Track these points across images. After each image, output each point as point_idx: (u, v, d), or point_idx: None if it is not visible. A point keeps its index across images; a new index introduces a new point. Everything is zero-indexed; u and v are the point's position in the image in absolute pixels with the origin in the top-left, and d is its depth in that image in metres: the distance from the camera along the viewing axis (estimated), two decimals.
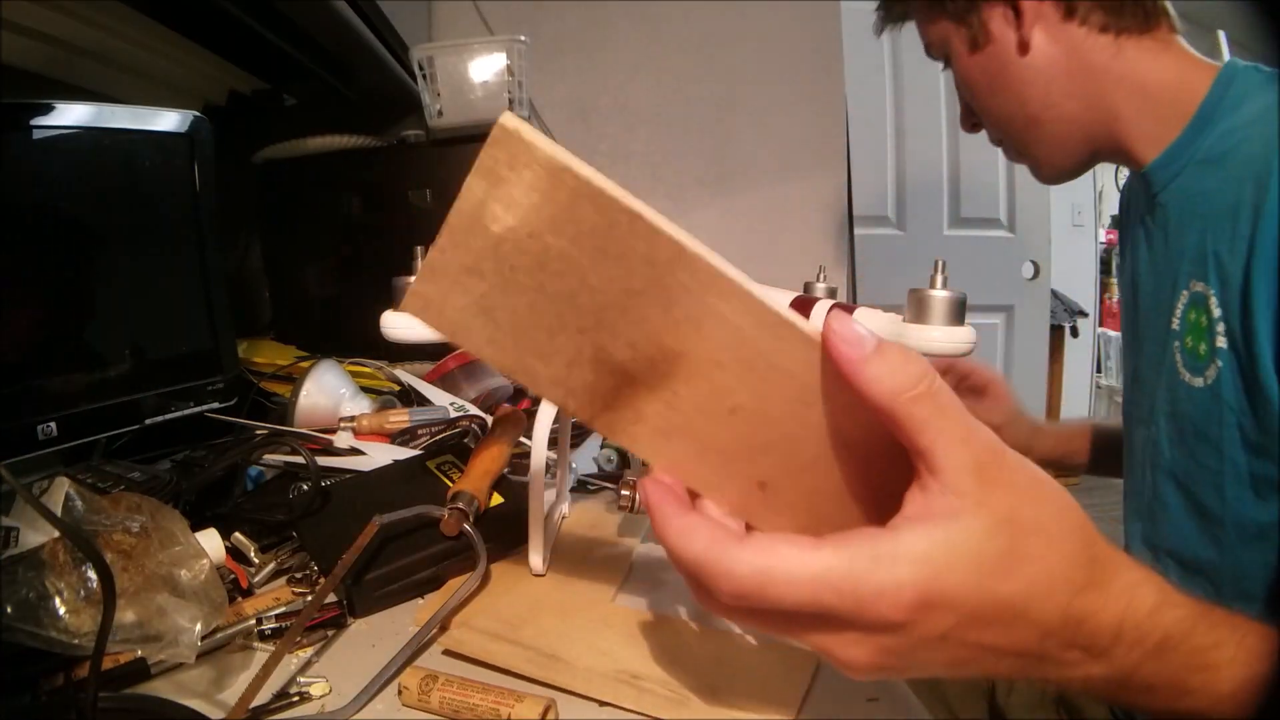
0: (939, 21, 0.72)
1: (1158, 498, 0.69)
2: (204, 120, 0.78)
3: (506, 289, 0.28)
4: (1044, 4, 0.66)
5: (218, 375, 0.80)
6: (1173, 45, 0.66)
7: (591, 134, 1.69)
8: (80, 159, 0.70)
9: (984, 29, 0.68)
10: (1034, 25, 0.66)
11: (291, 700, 0.44)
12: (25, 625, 0.43)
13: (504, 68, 1.17)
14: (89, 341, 0.71)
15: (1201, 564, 0.65)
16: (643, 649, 0.49)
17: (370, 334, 0.52)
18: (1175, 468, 0.66)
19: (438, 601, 0.56)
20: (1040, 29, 0.66)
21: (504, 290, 0.28)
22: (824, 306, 0.52)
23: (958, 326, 0.45)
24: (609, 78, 1.68)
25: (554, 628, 0.51)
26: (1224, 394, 0.60)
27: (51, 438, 0.64)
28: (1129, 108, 0.66)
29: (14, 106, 0.65)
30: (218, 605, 0.48)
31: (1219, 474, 0.61)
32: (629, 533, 0.68)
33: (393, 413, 0.83)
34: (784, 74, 1.67)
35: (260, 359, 1.06)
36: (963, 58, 0.71)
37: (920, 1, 0.73)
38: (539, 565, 0.60)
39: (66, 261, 0.69)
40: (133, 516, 0.49)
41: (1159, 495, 0.68)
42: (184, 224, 0.79)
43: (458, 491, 0.60)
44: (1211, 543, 0.63)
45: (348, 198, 1.23)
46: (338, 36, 1.05)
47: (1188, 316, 0.64)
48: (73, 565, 0.45)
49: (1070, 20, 0.66)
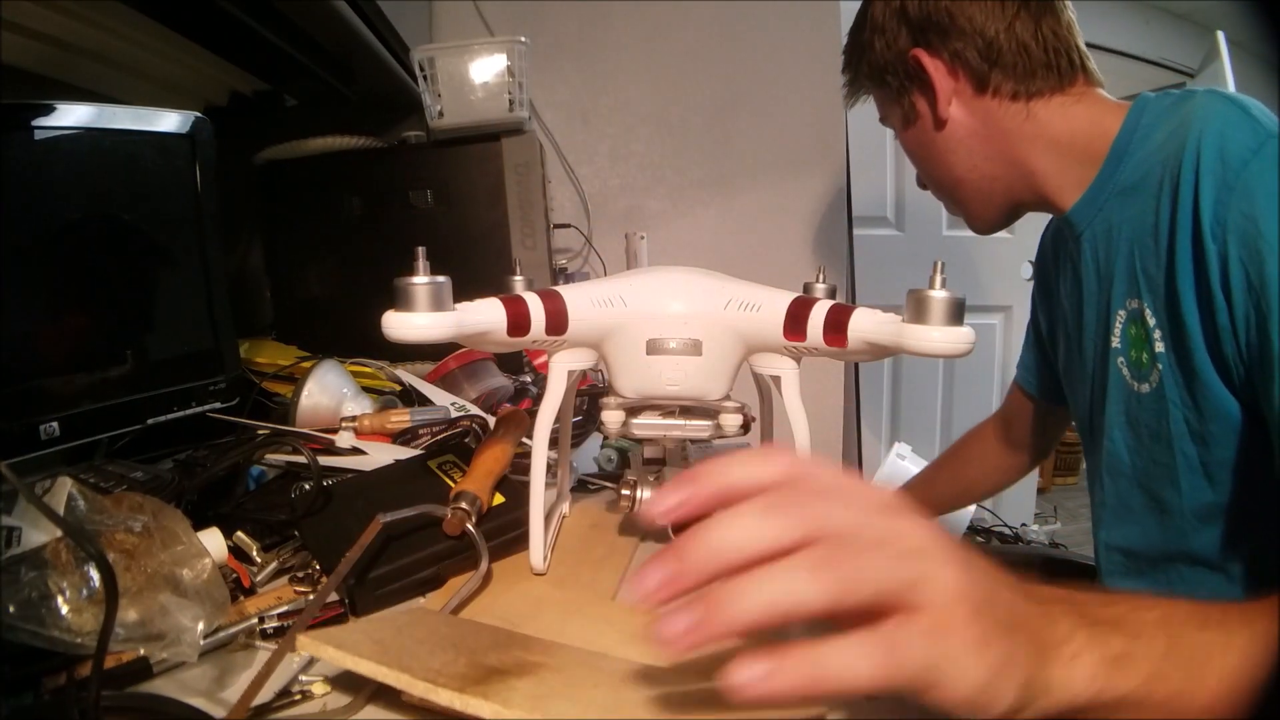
0: (883, 100, 0.82)
1: (1122, 503, 0.73)
2: (205, 121, 0.78)
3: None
4: (959, 82, 0.74)
5: (219, 375, 0.80)
6: (1087, 95, 0.72)
7: (591, 134, 1.70)
8: (81, 160, 0.70)
9: (913, 107, 0.78)
10: (949, 102, 0.75)
11: (293, 699, 0.44)
12: (28, 624, 0.43)
13: (504, 68, 1.17)
14: (91, 341, 0.71)
15: (1170, 556, 0.69)
16: (643, 648, 0.49)
17: (371, 334, 0.52)
18: (1136, 472, 0.71)
19: (439, 600, 0.56)
20: (957, 103, 0.75)
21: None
22: (824, 307, 0.53)
23: (957, 327, 0.45)
24: (609, 78, 1.68)
25: (555, 627, 0.51)
26: (1168, 393, 0.64)
27: (54, 437, 0.64)
28: (1043, 162, 0.73)
29: (14, 107, 0.65)
30: (220, 604, 0.48)
31: (1173, 468, 0.66)
32: (629, 532, 0.68)
33: (394, 413, 0.83)
34: (784, 74, 1.67)
35: (262, 359, 1.06)
36: (899, 131, 0.82)
37: (869, 83, 0.82)
38: (540, 564, 0.60)
39: (67, 262, 0.70)
40: (135, 516, 0.49)
41: (1123, 500, 0.72)
42: (185, 224, 0.79)
43: (461, 491, 0.60)
44: (1176, 535, 0.67)
45: (348, 198, 1.23)
46: (338, 37, 1.05)
47: (1128, 332, 0.69)
48: (75, 565, 0.45)
49: (983, 94, 0.73)
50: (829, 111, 1.69)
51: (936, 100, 0.75)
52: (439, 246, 0.49)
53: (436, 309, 0.46)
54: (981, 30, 0.71)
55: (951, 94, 0.74)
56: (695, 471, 0.32)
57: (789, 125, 1.69)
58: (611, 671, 0.43)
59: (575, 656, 0.46)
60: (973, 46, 0.72)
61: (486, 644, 0.46)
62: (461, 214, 1.20)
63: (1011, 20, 0.71)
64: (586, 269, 1.69)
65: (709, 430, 0.59)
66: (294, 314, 1.27)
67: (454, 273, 0.47)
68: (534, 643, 0.47)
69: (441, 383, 1.01)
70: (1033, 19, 0.71)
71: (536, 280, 0.63)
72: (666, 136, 1.70)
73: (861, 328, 0.50)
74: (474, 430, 0.81)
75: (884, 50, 0.77)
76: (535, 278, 0.64)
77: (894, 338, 0.47)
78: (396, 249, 0.54)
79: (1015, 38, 0.71)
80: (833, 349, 0.52)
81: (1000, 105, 0.73)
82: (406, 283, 0.46)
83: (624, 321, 0.56)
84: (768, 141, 1.69)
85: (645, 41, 1.67)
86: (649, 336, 0.56)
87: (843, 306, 0.52)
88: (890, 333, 0.47)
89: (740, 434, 0.59)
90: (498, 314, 0.52)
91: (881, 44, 0.77)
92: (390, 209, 1.22)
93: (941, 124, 0.76)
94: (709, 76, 1.68)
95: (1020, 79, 0.72)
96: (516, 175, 1.19)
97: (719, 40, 1.67)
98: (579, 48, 1.67)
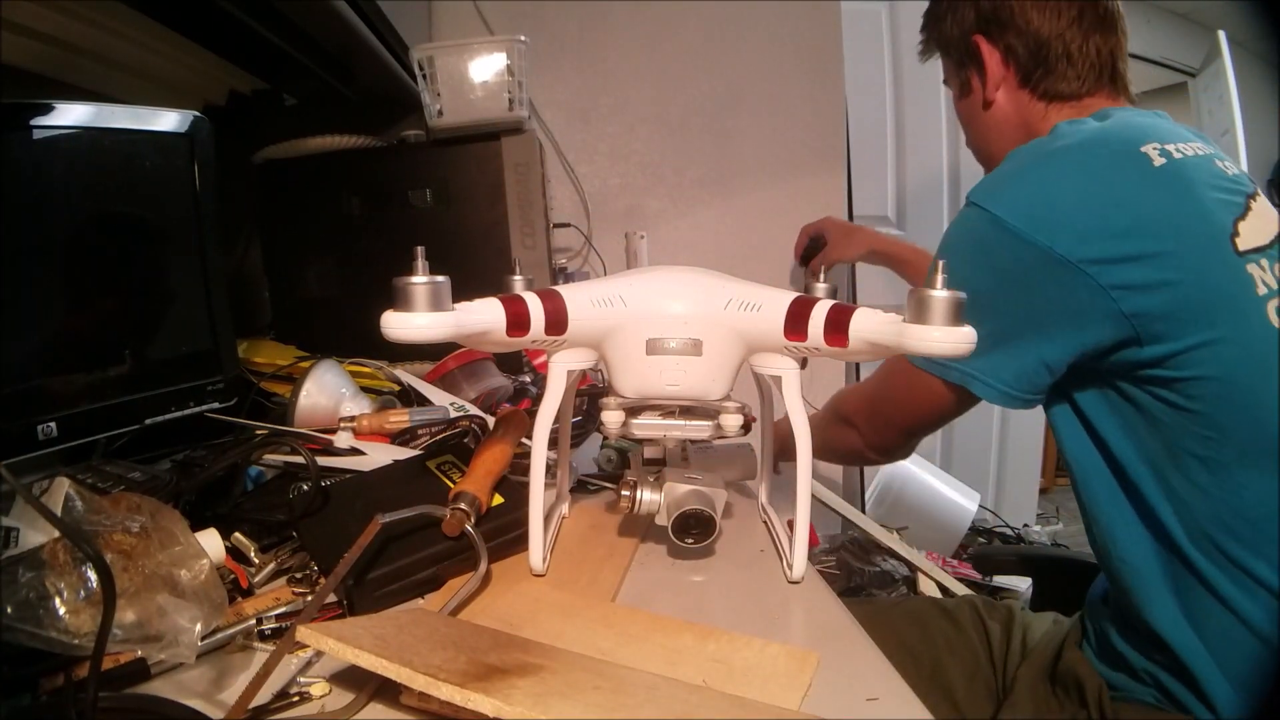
0: (948, 66, 0.93)
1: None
2: (204, 120, 0.78)
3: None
4: (1008, 72, 0.85)
5: (218, 375, 0.80)
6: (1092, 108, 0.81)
7: (591, 134, 1.69)
8: (80, 159, 0.70)
9: (968, 82, 0.89)
10: (997, 88, 0.86)
11: (291, 700, 0.44)
12: (25, 625, 0.43)
13: (504, 68, 1.17)
14: (89, 341, 0.71)
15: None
16: (643, 649, 0.49)
17: (370, 334, 0.52)
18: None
19: (438, 601, 0.56)
20: (1004, 90, 0.86)
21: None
22: (824, 307, 0.52)
23: (958, 327, 0.45)
24: (609, 77, 1.68)
25: (554, 628, 0.51)
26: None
27: (51, 438, 0.64)
28: None
29: (14, 106, 0.65)
30: (218, 605, 0.48)
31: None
32: (629, 533, 0.68)
33: (393, 413, 0.83)
34: (784, 74, 1.67)
35: (260, 359, 1.06)
36: (955, 97, 0.94)
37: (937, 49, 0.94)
38: (539, 565, 0.60)
39: (65, 261, 0.69)
40: (133, 516, 0.49)
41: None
42: (184, 224, 0.79)
43: (460, 492, 0.60)
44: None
45: (348, 198, 1.23)
46: (338, 36, 1.05)
47: None
48: (73, 565, 0.45)
49: (1024, 88, 0.84)
50: (829, 111, 1.69)
51: (987, 83, 0.85)
52: (438, 246, 0.49)
53: (435, 309, 0.46)
54: (1036, 32, 0.81)
55: (1000, 81, 0.85)
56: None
57: (789, 125, 1.69)
58: (612, 675, 0.43)
59: (576, 660, 0.46)
60: (1025, 45, 0.82)
61: (487, 644, 0.46)
62: (461, 213, 1.20)
63: (1064, 30, 0.80)
64: (586, 269, 1.69)
65: (709, 430, 0.59)
66: (292, 314, 1.27)
67: (453, 272, 0.47)
68: (534, 645, 0.47)
69: (441, 383, 1.00)
70: (1082, 33, 0.80)
71: (536, 280, 0.63)
72: (666, 136, 1.70)
73: (862, 327, 0.50)
74: (473, 430, 0.81)
75: (952, 27, 0.88)
76: (535, 277, 0.64)
77: (895, 338, 0.46)
78: (395, 249, 0.54)
79: (1064, 44, 0.80)
80: (833, 349, 0.52)
81: (1032, 102, 0.84)
82: (405, 282, 0.46)
83: (624, 321, 0.56)
84: (768, 141, 1.69)
85: (645, 41, 1.67)
86: (649, 336, 0.55)
87: (843, 306, 0.52)
88: (891, 333, 0.47)
89: (741, 434, 0.59)
90: (497, 314, 0.51)
91: (951, 20, 0.88)
92: (389, 208, 1.21)
93: (989, 104, 0.87)
94: (709, 76, 1.68)
95: (1053, 82, 0.82)
96: (516, 174, 1.19)
97: (719, 40, 1.67)
98: (579, 47, 1.67)
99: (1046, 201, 0.70)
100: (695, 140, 1.70)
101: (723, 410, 0.58)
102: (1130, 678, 0.74)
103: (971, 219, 0.73)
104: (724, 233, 1.71)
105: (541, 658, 0.44)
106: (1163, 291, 0.66)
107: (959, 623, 0.94)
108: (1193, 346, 0.66)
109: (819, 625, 0.54)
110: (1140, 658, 0.73)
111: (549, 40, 1.64)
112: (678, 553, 0.64)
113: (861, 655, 0.49)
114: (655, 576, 0.61)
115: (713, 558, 0.64)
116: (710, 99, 1.68)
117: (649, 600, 0.57)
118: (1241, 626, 0.66)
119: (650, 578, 0.61)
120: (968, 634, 0.92)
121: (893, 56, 2.11)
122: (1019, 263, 0.69)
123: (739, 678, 0.46)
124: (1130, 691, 0.74)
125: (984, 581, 1.60)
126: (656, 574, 0.62)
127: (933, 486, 2.00)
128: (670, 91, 1.68)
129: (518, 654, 0.44)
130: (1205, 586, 0.68)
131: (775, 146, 1.69)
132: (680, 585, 0.60)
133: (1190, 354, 0.66)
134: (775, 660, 0.47)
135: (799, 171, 1.68)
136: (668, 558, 0.64)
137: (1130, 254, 0.66)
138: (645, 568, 0.63)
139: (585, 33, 1.67)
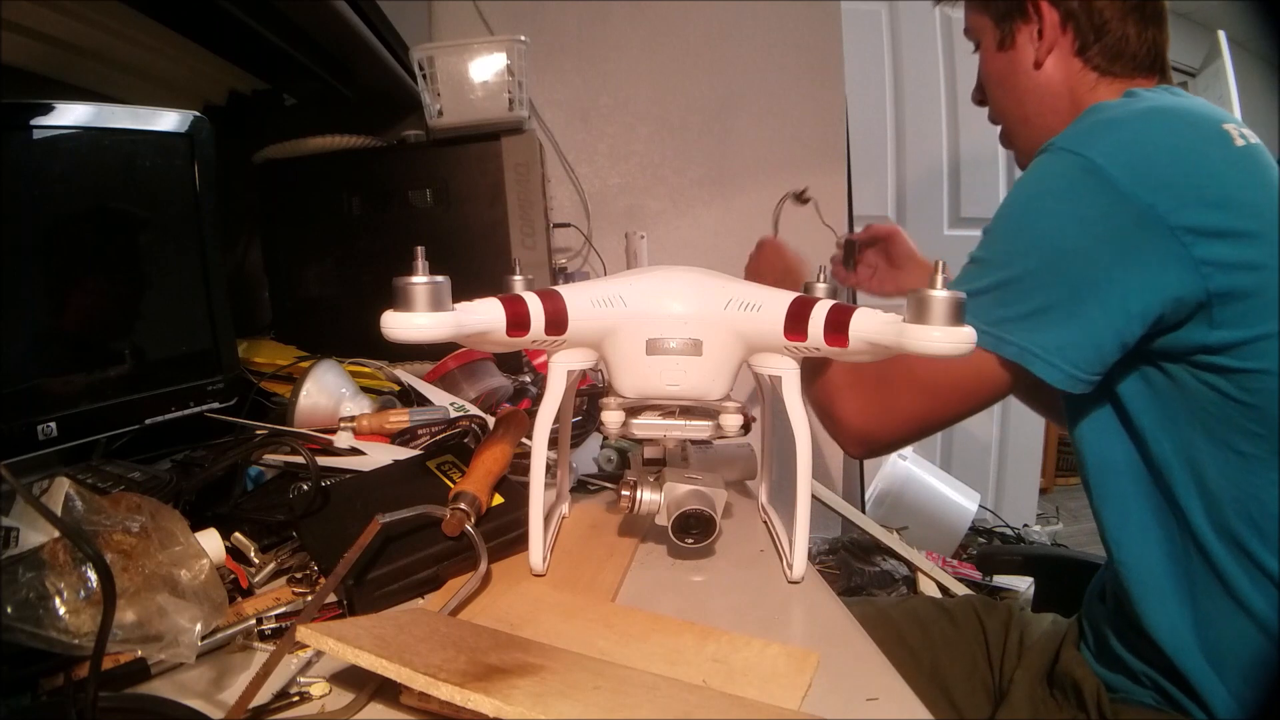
0: (982, 15, 0.84)
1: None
2: (204, 120, 0.78)
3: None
4: (1064, 36, 0.79)
5: (218, 375, 0.80)
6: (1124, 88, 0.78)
7: (591, 134, 1.69)
8: (80, 159, 0.70)
9: (1013, 36, 0.81)
10: (1049, 51, 0.79)
11: (291, 700, 0.44)
12: (25, 625, 0.43)
13: (504, 67, 1.17)
14: (89, 341, 0.71)
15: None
16: (643, 649, 0.49)
17: (370, 334, 0.52)
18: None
19: (438, 601, 0.56)
20: (1056, 54, 0.79)
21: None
22: (824, 307, 0.52)
23: (958, 327, 0.45)
24: (609, 77, 1.68)
25: (554, 628, 0.51)
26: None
27: (51, 438, 0.64)
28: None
29: (14, 106, 0.65)
30: (218, 605, 0.48)
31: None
32: (629, 533, 0.68)
33: (393, 413, 0.83)
34: (784, 74, 1.67)
35: (260, 359, 1.05)
36: (989, 51, 0.84)
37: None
38: (539, 565, 0.60)
39: (65, 261, 0.69)
40: (133, 516, 0.49)
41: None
42: (184, 224, 0.78)
43: (460, 492, 0.60)
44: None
45: (348, 198, 1.23)
46: (338, 36, 1.05)
47: None
48: (73, 565, 0.45)
49: (1078, 55, 0.79)
50: (829, 111, 1.69)
51: (1041, 44, 0.80)
52: (438, 246, 0.49)
53: (436, 309, 0.46)
54: (1101, 9, 0.78)
55: (1054, 44, 0.79)
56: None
57: (789, 125, 1.69)
58: (612, 675, 0.43)
59: (576, 660, 0.46)
60: (1087, 16, 0.78)
61: (487, 644, 0.46)
62: (461, 213, 1.20)
63: (1127, 13, 0.77)
64: (586, 268, 1.69)
65: (709, 430, 0.59)
66: (292, 314, 1.27)
67: (453, 272, 0.47)
68: (534, 645, 0.47)
69: (440, 383, 1.00)
70: (1140, 21, 0.78)
71: (536, 280, 0.63)
72: (666, 136, 1.70)
73: (862, 328, 0.50)
74: (473, 430, 0.81)
75: None
76: (535, 277, 0.64)
77: (895, 338, 0.46)
78: (395, 249, 0.54)
79: (1123, 26, 0.77)
80: (834, 349, 0.52)
81: (1082, 71, 0.79)
82: (405, 282, 0.46)
83: (624, 321, 0.56)
84: (768, 141, 1.69)
85: (645, 41, 1.67)
86: (649, 336, 0.55)
87: (844, 306, 0.52)
88: (891, 333, 0.47)
89: (740, 434, 0.59)
90: (497, 314, 0.51)
91: None
92: (389, 208, 1.21)
93: (1038, 66, 0.80)
94: (709, 76, 1.68)
95: (1109, 59, 0.78)
96: (516, 174, 1.19)
97: (719, 40, 1.67)
98: (579, 47, 1.67)
99: (1147, 156, 0.64)
100: (695, 140, 1.70)
101: (723, 410, 0.58)
102: (1129, 679, 0.74)
103: (1060, 164, 0.66)
104: (724, 233, 1.71)
105: (541, 658, 0.44)
106: (1246, 274, 0.63)
107: (958, 623, 0.94)
108: (1261, 336, 0.63)
109: (819, 625, 0.54)
110: (1139, 660, 0.73)
111: (549, 40, 1.64)
112: (678, 553, 0.64)
113: (861, 655, 0.49)
114: (655, 576, 0.61)
115: (713, 558, 0.64)
116: (710, 99, 1.68)
117: (649, 600, 0.57)
118: (1250, 623, 0.66)
119: (650, 578, 0.61)
120: (967, 634, 0.92)
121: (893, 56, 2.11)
122: (1109, 218, 0.63)
123: (739, 678, 0.46)
124: (1129, 693, 0.74)
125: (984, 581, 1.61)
126: (656, 574, 0.62)
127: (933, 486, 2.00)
128: (670, 91, 1.68)
129: (518, 654, 0.44)
130: (1221, 583, 0.67)
131: (775, 146, 1.69)
132: (680, 585, 0.60)
133: (1256, 344, 0.63)
134: (775, 660, 0.47)
135: (799, 171, 1.68)
136: (668, 558, 0.64)
137: (1222, 229, 0.63)
138: (645, 568, 0.63)
139: (585, 33, 1.67)
